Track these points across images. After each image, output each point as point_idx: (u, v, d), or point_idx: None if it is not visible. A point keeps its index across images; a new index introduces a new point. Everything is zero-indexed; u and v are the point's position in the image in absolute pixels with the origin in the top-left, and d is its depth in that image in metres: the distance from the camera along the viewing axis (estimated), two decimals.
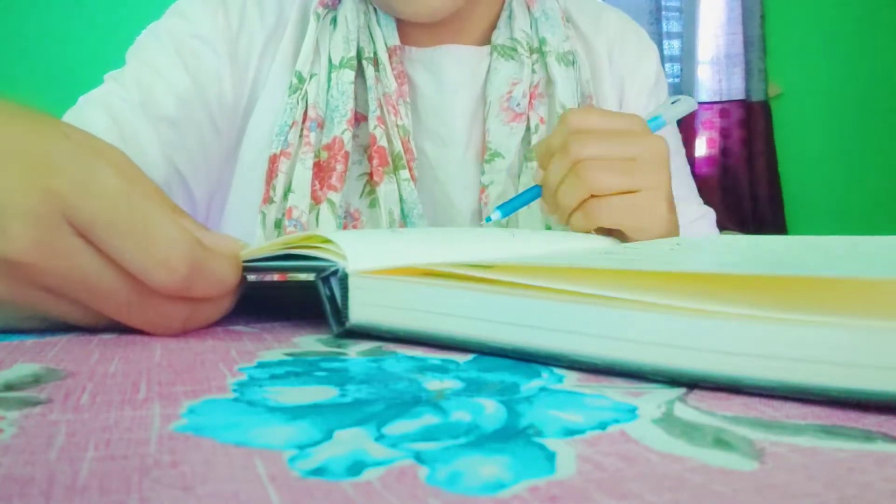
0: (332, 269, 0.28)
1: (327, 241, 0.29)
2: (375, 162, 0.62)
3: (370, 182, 0.64)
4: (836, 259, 0.26)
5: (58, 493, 0.13)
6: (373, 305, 0.28)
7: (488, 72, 0.68)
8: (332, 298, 0.28)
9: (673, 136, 0.76)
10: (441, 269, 0.27)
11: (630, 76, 0.73)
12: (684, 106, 0.59)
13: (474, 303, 0.25)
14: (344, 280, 0.28)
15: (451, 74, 0.67)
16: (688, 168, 0.78)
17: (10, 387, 0.21)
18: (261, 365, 0.24)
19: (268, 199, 0.62)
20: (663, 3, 2.54)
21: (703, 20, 2.55)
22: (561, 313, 0.24)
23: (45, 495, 0.13)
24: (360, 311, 0.28)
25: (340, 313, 0.28)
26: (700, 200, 0.77)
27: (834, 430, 0.18)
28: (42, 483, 0.14)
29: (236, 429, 0.17)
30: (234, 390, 0.20)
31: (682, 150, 0.78)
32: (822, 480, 0.15)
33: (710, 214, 0.76)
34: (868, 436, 0.17)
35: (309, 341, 0.28)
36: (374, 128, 0.63)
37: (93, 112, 0.60)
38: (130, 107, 0.61)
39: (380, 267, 0.28)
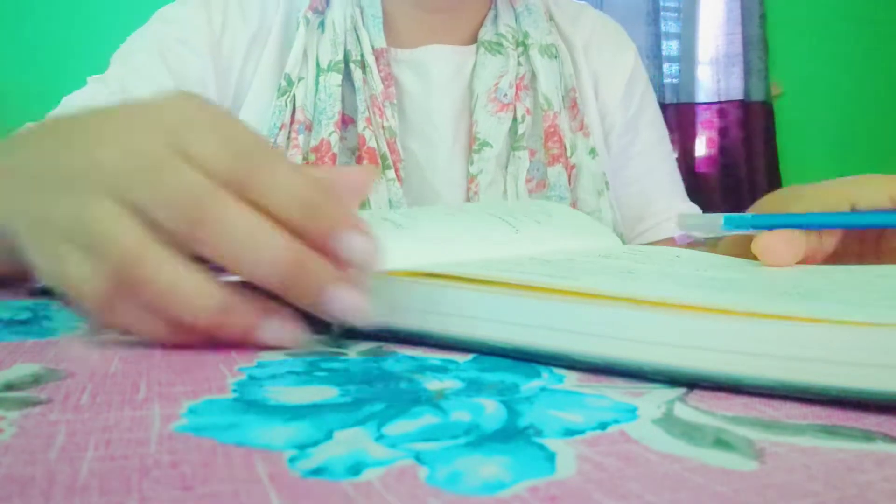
0: None
1: None
2: (365, 163, 0.63)
3: None
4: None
5: (58, 493, 0.13)
6: (381, 305, 0.28)
7: (474, 67, 0.69)
8: None
9: (657, 126, 0.77)
10: (441, 272, 0.27)
11: (605, 72, 0.75)
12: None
13: (475, 302, 0.25)
14: None
15: (438, 73, 0.68)
16: (673, 159, 0.79)
17: (10, 387, 0.21)
18: (261, 365, 0.24)
19: None
20: (661, 4, 2.54)
21: (701, 20, 2.55)
22: (562, 313, 0.24)
23: (45, 495, 0.13)
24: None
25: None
26: (685, 196, 0.78)
27: (834, 430, 0.18)
28: (42, 483, 0.14)
29: (236, 429, 0.17)
30: (234, 390, 0.20)
31: (667, 141, 0.79)
32: (822, 480, 0.15)
33: (693, 211, 0.77)
34: (868, 436, 0.17)
35: (309, 341, 0.28)
36: (364, 129, 0.64)
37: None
38: None
39: (388, 268, 0.28)
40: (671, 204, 0.74)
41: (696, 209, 0.77)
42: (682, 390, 0.21)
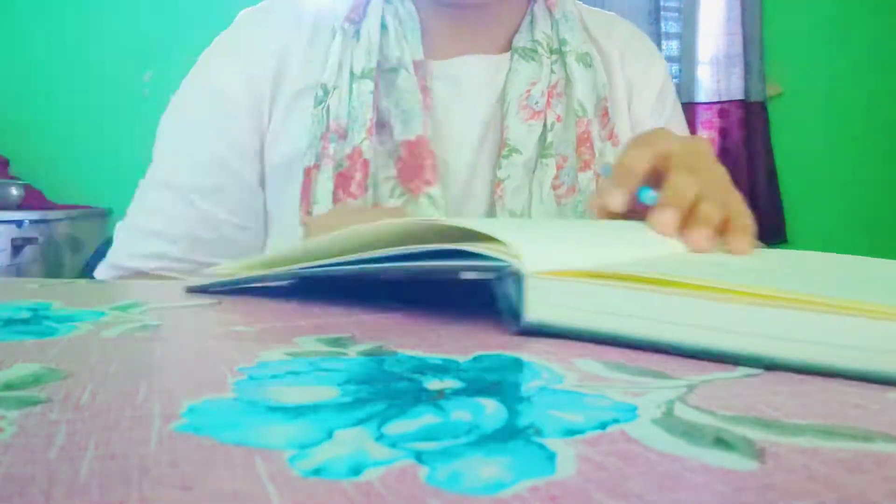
0: (509, 269, 0.29)
1: (491, 238, 0.30)
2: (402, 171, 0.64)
3: (401, 185, 0.65)
4: None
5: (58, 492, 0.13)
6: (550, 306, 0.29)
7: (508, 74, 0.69)
8: (507, 297, 0.29)
9: (678, 123, 0.78)
10: (623, 274, 0.28)
11: (639, 82, 0.76)
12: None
13: (659, 305, 0.26)
14: (519, 280, 0.29)
15: (471, 83, 0.69)
16: None
17: (10, 386, 0.21)
18: (261, 365, 0.24)
19: (307, 211, 0.64)
20: (662, 4, 2.54)
21: (702, 20, 2.55)
22: (755, 317, 0.24)
23: (45, 495, 0.13)
24: (537, 311, 0.29)
25: (516, 312, 0.29)
26: None
27: (834, 429, 0.18)
28: (42, 483, 0.14)
29: (236, 429, 0.17)
30: (234, 390, 0.20)
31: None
32: (822, 480, 0.15)
33: None
34: (868, 436, 0.17)
35: (309, 341, 0.28)
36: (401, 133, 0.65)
37: (171, 205, 0.66)
38: (195, 209, 0.66)
39: (555, 268, 0.29)
40: None
41: None
42: (682, 390, 0.21)
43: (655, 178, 0.45)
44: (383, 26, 0.67)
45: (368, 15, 0.67)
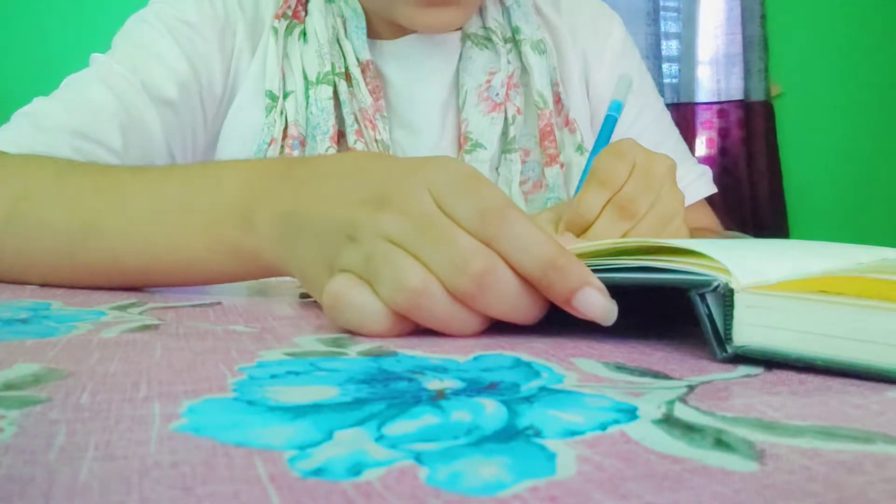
0: (712, 284, 0.25)
1: (685, 251, 0.27)
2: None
3: None
4: None
5: (58, 493, 0.13)
6: (765, 327, 0.24)
7: (460, 59, 0.67)
8: (710, 317, 0.25)
9: (657, 97, 0.77)
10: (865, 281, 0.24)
11: (593, 51, 0.73)
12: (626, 82, 0.60)
13: None
14: (726, 297, 0.25)
15: (423, 62, 0.67)
16: (675, 130, 0.77)
17: (10, 386, 0.21)
18: (261, 365, 0.24)
19: None
20: (661, 4, 2.54)
21: (701, 20, 2.55)
22: None
23: (45, 495, 0.13)
24: (748, 333, 0.25)
25: (720, 335, 0.25)
26: (694, 160, 0.77)
27: (834, 430, 0.18)
28: (42, 483, 0.14)
29: (236, 429, 0.17)
30: (234, 390, 0.20)
31: (667, 114, 0.78)
32: (822, 481, 0.15)
33: (707, 173, 0.76)
34: (868, 436, 0.17)
35: (309, 341, 0.28)
36: (355, 142, 0.62)
37: (94, 88, 0.59)
38: (133, 87, 0.60)
39: (766, 281, 0.25)
40: (685, 171, 0.72)
41: (707, 171, 0.76)
42: (682, 390, 0.21)
43: None
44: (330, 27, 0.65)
45: (312, 14, 0.65)
